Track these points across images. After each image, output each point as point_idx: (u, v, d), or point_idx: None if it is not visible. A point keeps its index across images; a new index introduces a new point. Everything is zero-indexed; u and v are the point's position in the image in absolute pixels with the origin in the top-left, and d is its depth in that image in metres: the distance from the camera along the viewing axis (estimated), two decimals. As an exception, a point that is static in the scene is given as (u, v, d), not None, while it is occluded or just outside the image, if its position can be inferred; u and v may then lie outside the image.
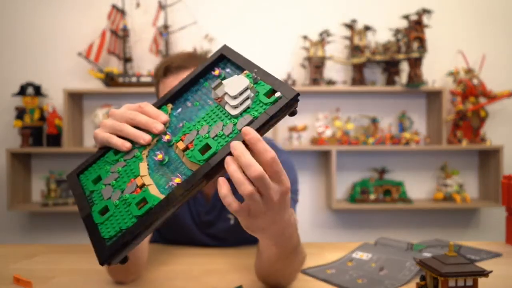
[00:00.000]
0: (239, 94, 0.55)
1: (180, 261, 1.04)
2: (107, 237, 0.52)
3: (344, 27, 2.52)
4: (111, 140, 0.62)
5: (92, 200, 0.58)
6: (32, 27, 2.59)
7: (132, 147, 0.61)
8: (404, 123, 2.56)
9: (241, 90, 0.55)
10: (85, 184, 0.61)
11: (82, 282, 0.90)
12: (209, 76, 0.64)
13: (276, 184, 0.54)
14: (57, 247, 1.21)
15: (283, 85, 0.55)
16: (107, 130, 0.63)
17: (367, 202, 2.45)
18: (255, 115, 0.54)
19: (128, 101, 2.60)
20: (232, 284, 0.85)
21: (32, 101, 2.47)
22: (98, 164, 0.63)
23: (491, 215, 2.63)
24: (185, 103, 0.64)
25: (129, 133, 0.62)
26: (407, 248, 1.07)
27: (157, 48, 2.48)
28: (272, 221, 0.58)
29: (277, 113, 0.53)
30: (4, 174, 2.46)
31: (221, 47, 0.65)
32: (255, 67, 0.58)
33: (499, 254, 1.08)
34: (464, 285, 0.68)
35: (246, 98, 0.55)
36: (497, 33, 2.62)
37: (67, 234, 2.60)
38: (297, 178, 1.16)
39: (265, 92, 0.55)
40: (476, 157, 2.66)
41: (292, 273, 0.82)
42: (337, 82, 2.56)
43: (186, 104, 0.63)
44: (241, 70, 0.61)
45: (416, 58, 2.41)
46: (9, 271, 0.94)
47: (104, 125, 0.64)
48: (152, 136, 0.61)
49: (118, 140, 0.62)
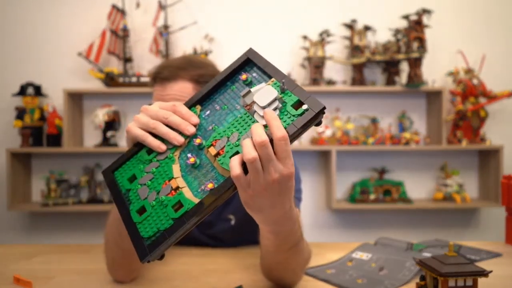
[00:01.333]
0: (268, 104, 0.57)
1: (180, 261, 1.04)
2: (146, 237, 0.56)
3: (344, 27, 2.52)
4: (146, 139, 0.64)
5: (129, 199, 0.61)
6: (32, 27, 2.59)
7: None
8: (404, 123, 2.56)
9: (270, 101, 0.57)
10: (121, 182, 0.64)
11: (82, 282, 0.90)
12: (236, 79, 0.66)
13: (279, 163, 0.55)
14: (57, 247, 1.21)
15: (310, 97, 0.56)
16: (140, 126, 0.65)
17: (367, 202, 2.45)
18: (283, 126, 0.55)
19: (128, 101, 2.60)
20: (232, 284, 0.85)
21: (32, 101, 2.47)
22: (132, 162, 0.66)
23: (491, 215, 2.63)
24: (213, 105, 0.65)
25: (163, 132, 0.63)
26: (407, 248, 1.07)
27: (157, 48, 2.48)
28: (271, 203, 0.58)
29: (304, 125, 0.55)
30: (4, 174, 2.46)
31: (247, 50, 0.66)
32: (282, 76, 0.60)
33: (499, 254, 1.08)
34: (464, 285, 0.68)
35: (275, 109, 0.57)
36: (496, 33, 2.62)
37: (67, 234, 2.61)
38: (299, 177, 1.16)
39: (293, 104, 0.57)
40: (476, 157, 2.66)
41: (296, 270, 0.81)
42: (337, 82, 2.56)
43: (214, 106, 0.65)
44: (268, 77, 0.62)
45: (416, 58, 2.41)
46: (9, 271, 0.94)
47: (137, 121, 0.66)
48: (184, 137, 0.63)
49: (154, 140, 0.63)
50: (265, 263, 0.81)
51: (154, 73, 1.09)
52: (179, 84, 1.06)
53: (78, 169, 2.58)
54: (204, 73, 1.08)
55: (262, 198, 0.57)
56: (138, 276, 0.91)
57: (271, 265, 0.80)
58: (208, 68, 1.10)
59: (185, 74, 1.06)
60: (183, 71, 1.07)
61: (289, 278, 0.83)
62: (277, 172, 0.55)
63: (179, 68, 1.07)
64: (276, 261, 0.77)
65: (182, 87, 1.06)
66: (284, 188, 0.57)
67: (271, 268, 0.81)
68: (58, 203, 2.42)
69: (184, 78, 1.06)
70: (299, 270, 0.82)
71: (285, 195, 0.58)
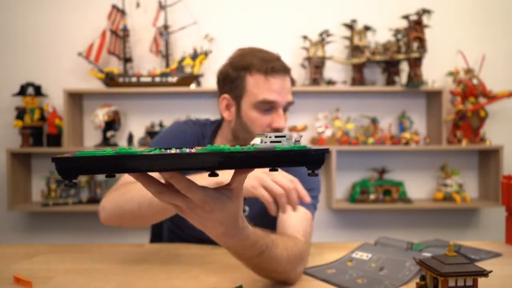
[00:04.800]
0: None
1: (180, 261, 1.04)
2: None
3: (344, 27, 2.52)
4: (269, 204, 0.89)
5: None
6: (32, 27, 2.59)
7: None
8: (404, 123, 2.56)
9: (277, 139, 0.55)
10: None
11: (82, 282, 0.90)
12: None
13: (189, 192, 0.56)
14: (57, 247, 1.21)
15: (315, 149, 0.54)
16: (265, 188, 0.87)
17: (367, 202, 2.45)
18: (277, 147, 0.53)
19: (128, 101, 2.60)
20: (232, 284, 0.85)
21: (32, 101, 2.47)
22: None
23: (491, 215, 2.63)
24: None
25: (282, 203, 0.87)
26: (407, 248, 1.07)
27: (157, 48, 2.48)
28: (199, 226, 0.62)
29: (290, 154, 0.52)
30: (4, 174, 2.46)
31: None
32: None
33: (499, 254, 1.08)
34: (464, 285, 0.68)
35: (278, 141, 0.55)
36: (496, 33, 2.62)
37: (67, 234, 2.61)
38: (318, 186, 1.18)
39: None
40: (476, 157, 2.66)
41: (279, 271, 0.81)
42: (337, 82, 2.56)
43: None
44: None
45: (416, 58, 2.41)
46: (9, 271, 0.94)
47: (265, 184, 0.87)
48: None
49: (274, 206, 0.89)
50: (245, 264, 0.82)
51: (269, 64, 1.09)
52: (288, 78, 1.13)
53: (78, 169, 2.58)
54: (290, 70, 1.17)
55: (191, 219, 0.60)
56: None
57: (250, 267, 0.80)
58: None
59: (289, 68, 1.15)
60: (287, 65, 1.14)
61: (277, 278, 0.83)
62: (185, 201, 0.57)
63: (284, 61, 1.14)
64: (251, 265, 0.78)
65: (289, 81, 1.14)
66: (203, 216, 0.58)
67: (253, 269, 0.81)
68: (58, 203, 2.42)
69: (289, 72, 1.14)
70: (283, 271, 0.82)
71: (207, 222, 0.60)
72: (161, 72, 2.46)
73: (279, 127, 1.10)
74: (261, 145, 0.54)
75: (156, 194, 0.55)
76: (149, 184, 0.54)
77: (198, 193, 0.54)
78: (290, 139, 0.55)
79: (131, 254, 1.12)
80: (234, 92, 1.13)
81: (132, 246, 1.21)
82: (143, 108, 2.62)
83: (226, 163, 0.50)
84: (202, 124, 1.24)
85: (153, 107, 2.62)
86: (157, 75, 2.45)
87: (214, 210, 0.57)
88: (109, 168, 0.48)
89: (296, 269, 0.85)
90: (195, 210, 0.57)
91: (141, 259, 1.07)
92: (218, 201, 0.57)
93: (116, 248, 1.18)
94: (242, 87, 1.11)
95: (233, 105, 1.14)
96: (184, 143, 1.13)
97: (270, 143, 0.54)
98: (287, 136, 0.55)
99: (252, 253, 0.72)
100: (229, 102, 1.15)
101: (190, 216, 0.59)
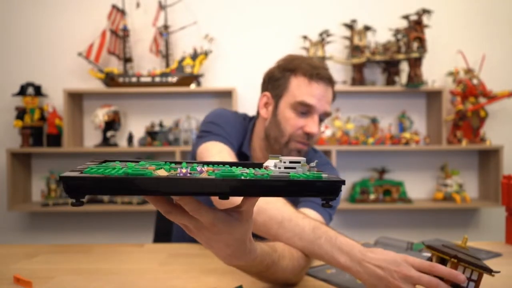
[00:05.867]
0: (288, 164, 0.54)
1: (180, 261, 1.04)
2: None
3: (344, 27, 2.52)
4: None
5: None
6: (32, 27, 2.59)
7: None
8: (404, 123, 2.56)
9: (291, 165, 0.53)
10: None
11: (82, 282, 0.90)
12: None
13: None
14: (57, 247, 1.21)
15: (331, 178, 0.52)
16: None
17: (367, 202, 2.45)
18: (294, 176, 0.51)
19: (128, 101, 2.60)
20: (232, 284, 0.85)
21: (32, 101, 2.47)
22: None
23: (491, 215, 2.63)
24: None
25: None
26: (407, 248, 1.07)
27: (157, 48, 2.48)
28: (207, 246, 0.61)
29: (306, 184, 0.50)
30: (4, 174, 2.47)
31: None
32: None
33: (499, 254, 1.08)
34: (469, 277, 0.68)
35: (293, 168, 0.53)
36: (497, 33, 2.62)
37: (67, 234, 2.61)
38: (339, 197, 1.16)
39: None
40: (476, 157, 2.66)
41: (281, 279, 0.82)
42: (337, 82, 2.56)
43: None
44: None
45: (416, 58, 2.41)
46: (9, 271, 0.94)
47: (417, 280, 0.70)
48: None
49: None
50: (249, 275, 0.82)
51: (315, 70, 1.09)
52: (331, 90, 1.13)
53: (78, 169, 2.58)
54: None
55: (198, 239, 0.59)
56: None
57: (254, 276, 0.80)
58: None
59: (334, 81, 1.15)
60: (332, 78, 1.13)
61: (280, 283, 0.83)
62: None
63: (330, 73, 1.13)
64: (255, 276, 0.79)
65: (332, 93, 1.14)
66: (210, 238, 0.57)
67: (256, 278, 0.81)
68: (58, 203, 2.42)
69: (333, 85, 1.14)
70: (287, 279, 0.83)
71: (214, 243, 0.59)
72: (161, 72, 2.46)
73: (312, 133, 1.10)
74: (275, 171, 0.52)
75: (165, 213, 0.54)
76: (157, 202, 0.53)
77: (206, 215, 0.53)
78: (305, 165, 0.54)
79: (131, 254, 1.12)
80: (275, 90, 1.14)
81: (132, 246, 1.21)
82: (143, 108, 2.62)
83: (237, 190, 0.48)
84: (248, 119, 1.26)
85: (153, 107, 2.62)
86: (157, 75, 2.45)
87: (222, 232, 0.56)
88: (119, 190, 0.47)
89: (299, 276, 0.86)
90: (203, 231, 0.56)
91: (141, 259, 1.07)
92: (226, 224, 0.55)
93: (116, 248, 1.18)
94: (285, 87, 1.11)
95: (271, 103, 1.15)
96: (238, 133, 1.16)
97: (284, 168, 0.52)
98: (302, 162, 0.53)
99: (258, 269, 0.73)
100: (269, 100, 1.16)
101: (198, 236, 0.58)
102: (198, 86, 2.48)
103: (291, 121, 1.09)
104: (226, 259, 0.63)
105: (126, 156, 2.59)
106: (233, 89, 2.42)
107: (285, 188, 0.49)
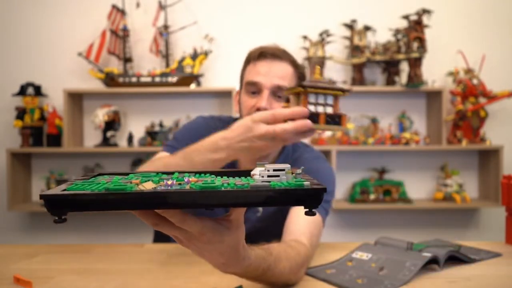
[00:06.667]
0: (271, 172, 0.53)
1: (180, 261, 1.04)
2: None
3: (344, 27, 2.52)
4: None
5: None
6: (33, 27, 2.59)
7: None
8: (404, 123, 2.56)
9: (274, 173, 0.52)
10: None
11: (82, 282, 0.90)
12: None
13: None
14: (57, 247, 1.21)
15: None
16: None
17: (367, 202, 2.45)
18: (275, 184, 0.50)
19: (128, 101, 2.60)
20: (232, 284, 0.85)
21: (32, 101, 2.47)
22: None
23: (491, 215, 2.63)
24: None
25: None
26: (407, 247, 1.07)
27: (157, 48, 2.48)
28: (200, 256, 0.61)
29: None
30: (4, 174, 2.46)
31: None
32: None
33: (499, 254, 1.08)
34: (324, 103, 0.68)
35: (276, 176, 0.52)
36: (497, 33, 2.62)
37: (67, 234, 2.61)
38: (332, 191, 1.17)
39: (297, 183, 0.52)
40: (476, 157, 2.66)
41: (280, 281, 0.81)
42: (337, 82, 2.56)
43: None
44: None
45: (416, 58, 2.41)
46: (9, 271, 0.94)
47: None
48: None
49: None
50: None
51: (259, 50, 1.12)
52: (283, 64, 1.12)
53: (78, 169, 2.58)
54: (298, 63, 1.16)
55: (191, 250, 0.59)
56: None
57: (251, 280, 0.79)
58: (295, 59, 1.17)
59: (288, 57, 1.14)
60: (286, 54, 1.14)
61: (278, 285, 0.83)
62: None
63: (283, 50, 1.14)
64: (252, 280, 0.78)
65: (286, 68, 1.12)
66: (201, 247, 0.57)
67: (254, 281, 0.80)
68: (58, 203, 2.42)
69: (288, 60, 1.13)
70: (285, 280, 0.82)
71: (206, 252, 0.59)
72: (161, 72, 2.46)
73: (260, 107, 1.09)
74: (258, 179, 0.52)
75: (152, 226, 0.54)
76: (144, 215, 0.52)
77: (194, 225, 0.53)
78: (289, 173, 0.53)
79: (131, 254, 1.12)
80: (240, 85, 1.20)
81: (132, 246, 1.21)
82: (143, 108, 2.62)
83: (219, 202, 0.48)
84: (226, 121, 1.26)
85: (153, 107, 2.62)
86: (157, 75, 2.45)
87: (213, 241, 0.56)
88: (98, 206, 0.47)
89: (298, 275, 0.86)
90: (193, 241, 0.56)
91: (141, 259, 1.07)
92: (216, 232, 0.55)
93: (116, 248, 1.18)
94: (242, 78, 1.17)
95: (238, 97, 1.22)
96: (202, 137, 1.15)
97: (267, 177, 0.52)
98: (286, 169, 0.52)
99: (255, 275, 0.73)
100: (237, 95, 1.23)
101: (189, 246, 0.58)
102: (198, 86, 2.48)
103: (244, 103, 1.13)
104: (220, 267, 0.63)
105: (126, 156, 2.60)
106: (233, 89, 2.42)
107: (265, 199, 0.48)
